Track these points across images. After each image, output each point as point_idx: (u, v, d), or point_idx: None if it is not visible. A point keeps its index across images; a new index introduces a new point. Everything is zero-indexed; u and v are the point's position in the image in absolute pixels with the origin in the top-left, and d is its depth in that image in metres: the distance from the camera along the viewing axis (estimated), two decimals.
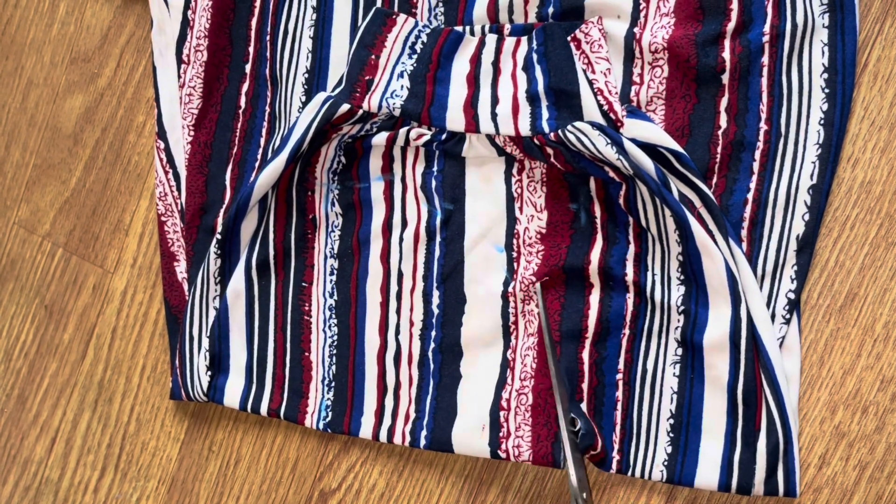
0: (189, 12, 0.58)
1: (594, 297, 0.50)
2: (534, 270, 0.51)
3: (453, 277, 0.53)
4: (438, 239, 0.53)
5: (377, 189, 0.55)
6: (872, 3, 0.49)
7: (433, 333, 0.54)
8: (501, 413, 0.52)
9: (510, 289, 0.52)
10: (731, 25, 0.48)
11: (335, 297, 0.56)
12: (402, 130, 0.52)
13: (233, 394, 0.57)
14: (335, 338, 0.56)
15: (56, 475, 0.66)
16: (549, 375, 0.50)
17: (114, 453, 0.64)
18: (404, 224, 0.54)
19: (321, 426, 0.56)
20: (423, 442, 0.53)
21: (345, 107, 0.52)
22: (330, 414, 0.56)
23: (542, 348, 0.51)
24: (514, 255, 0.52)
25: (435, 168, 0.53)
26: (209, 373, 0.57)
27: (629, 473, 0.51)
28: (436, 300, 0.54)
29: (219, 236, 0.55)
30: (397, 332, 0.54)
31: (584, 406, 0.51)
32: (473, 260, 0.53)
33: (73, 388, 0.65)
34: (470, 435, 0.52)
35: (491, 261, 0.53)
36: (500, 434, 0.51)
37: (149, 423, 0.63)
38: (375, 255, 0.55)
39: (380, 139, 0.53)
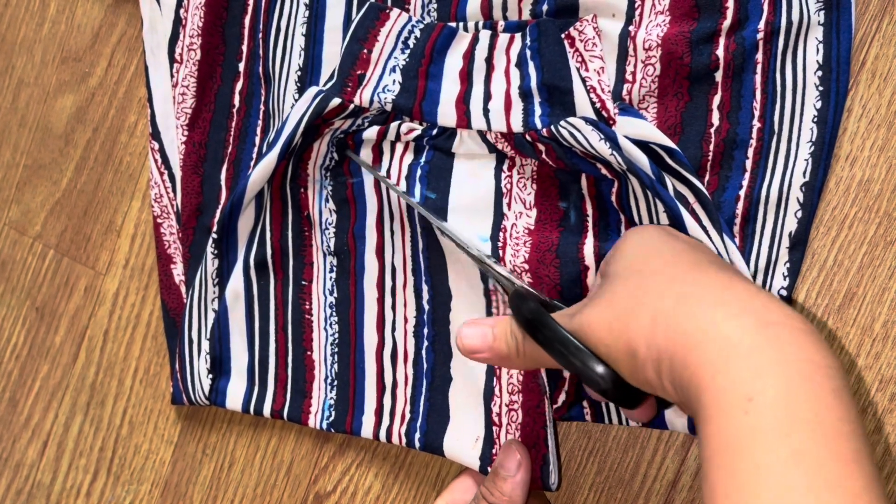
0: (181, 11, 0.57)
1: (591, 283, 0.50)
2: (524, 258, 0.50)
3: (439, 271, 0.52)
4: (419, 229, 0.53)
5: (369, 183, 0.54)
6: (870, 0, 0.49)
7: (426, 331, 0.53)
8: (494, 429, 0.51)
9: (490, 286, 0.51)
10: (726, 23, 0.47)
11: (335, 295, 0.55)
12: (393, 125, 0.52)
13: (235, 396, 0.57)
14: (336, 335, 0.55)
15: (48, 479, 0.65)
16: (536, 391, 0.49)
17: (106, 457, 0.64)
18: (391, 216, 0.54)
19: (324, 426, 0.55)
20: (417, 444, 0.53)
21: (336, 101, 0.51)
22: (333, 413, 0.55)
23: None
24: (500, 244, 0.51)
25: (423, 160, 0.53)
26: (210, 376, 0.57)
27: (605, 421, 0.52)
28: (426, 295, 0.53)
29: (215, 235, 0.55)
30: (393, 329, 0.54)
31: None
32: (458, 252, 0.52)
33: (64, 390, 0.65)
34: (461, 445, 0.52)
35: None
36: (494, 451, 0.51)
37: (141, 426, 0.63)
38: (371, 249, 0.54)
39: (370, 133, 0.52)
